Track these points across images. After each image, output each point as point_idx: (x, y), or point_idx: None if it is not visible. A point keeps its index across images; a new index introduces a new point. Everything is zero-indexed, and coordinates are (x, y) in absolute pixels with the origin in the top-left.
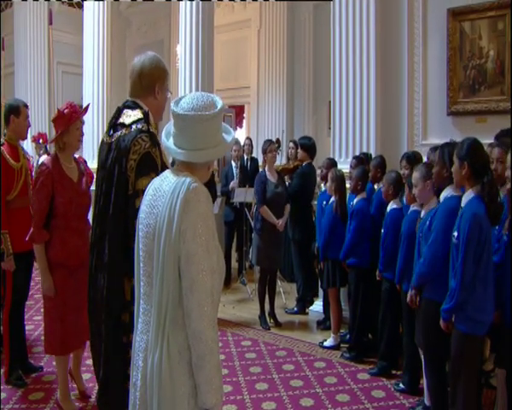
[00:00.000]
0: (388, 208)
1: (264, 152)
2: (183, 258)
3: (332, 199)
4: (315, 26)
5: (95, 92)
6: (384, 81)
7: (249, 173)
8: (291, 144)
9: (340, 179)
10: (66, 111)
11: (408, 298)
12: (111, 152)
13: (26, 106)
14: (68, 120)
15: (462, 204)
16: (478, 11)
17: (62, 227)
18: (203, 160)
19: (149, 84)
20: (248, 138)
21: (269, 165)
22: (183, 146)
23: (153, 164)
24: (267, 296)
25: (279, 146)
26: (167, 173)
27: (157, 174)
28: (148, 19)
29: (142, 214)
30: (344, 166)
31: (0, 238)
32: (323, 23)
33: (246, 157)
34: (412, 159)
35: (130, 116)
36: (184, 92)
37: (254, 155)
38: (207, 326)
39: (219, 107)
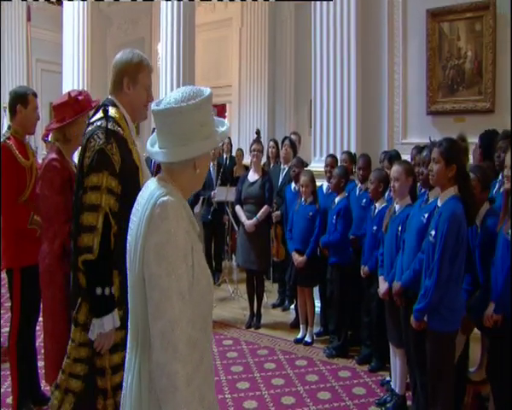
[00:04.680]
0: (379, 207)
1: (250, 151)
2: (147, 282)
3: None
4: (296, 25)
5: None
6: (364, 80)
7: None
8: (271, 143)
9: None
10: (80, 98)
11: (398, 302)
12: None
13: (35, 94)
14: (81, 110)
15: (439, 203)
16: (456, 12)
17: None
18: (185, 157)
19: (117, 79)
20: (228, 137)
21: (252, 164)
22: (163, 146)
23: (106, 161)
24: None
25: (259, 136)
26: (150, 182)
27: (112, 172)
28: (129, 16)
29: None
30: (321, 165)
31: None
32: (305, 23)
33: (225, 156)
34: (395, 158)
35: (97, 114)
36: (165, 91)
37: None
38: (171, 359)
39: (205, 95)
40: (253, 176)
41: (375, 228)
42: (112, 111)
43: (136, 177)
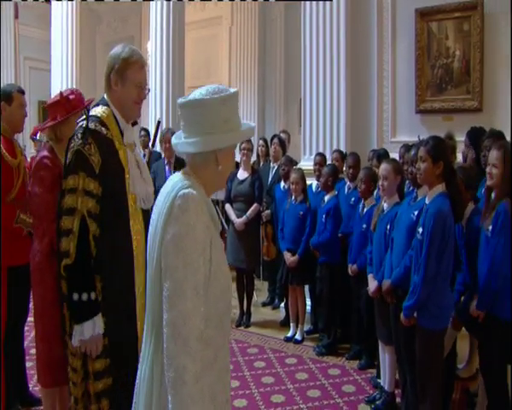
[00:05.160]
0: (368, 206)
1: (240, 149)
2: (163, 272)
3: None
4: (286, 24)
5: (63, 89)
6: (354, 79)
7: None
8: (261, 142)
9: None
10: (71, 97)
11: (389, 299)
12: None
13: (21, 91)
14: (72, 108)
15: (427, 201)
16: (444, 12)
17: None
18: (204, 148)
19: (106, 75)
20: None
21: (242, 162)
22: (185, 137)
23: (83, 162)
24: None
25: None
26: (173, 175)
27: (90, 174)
28: (118, 14)
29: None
30: (310, 164)
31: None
32: (294, 22)
33: None
34: (383, 157)
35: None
36: (155, 90)
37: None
38: (180, 352)
39: (230, 92)
40: (242, 174)
41: (364, 226)
42: (98, 110)
43: (120, 178)
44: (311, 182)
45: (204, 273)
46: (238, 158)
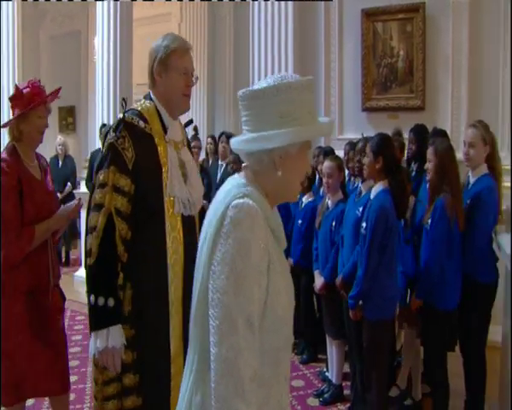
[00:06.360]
0: (306, 201)
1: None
2: (210, 294)
3: None
4: (235, 22)
5: (4, 83)
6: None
7: None
8: (209, 140)
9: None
10: (25, 91)
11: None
12: None
13: None
14: (27, 104)
15: (372, 196)
16: (389, 13)
17: None
18: (252, 146)
19: (149, 70)
20: None
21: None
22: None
23: (115, 156)
24: None
25: (197, 133)
26: (231, 178)
27: (121, 169)
28: (64, 8)
29: None
30: None
31: None
32: (244, 20)
33: None
34: (329, 154)
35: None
36: (101, 87)
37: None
38: (233, 394)
39: (288, 80)
40: None
41: (299, 222)
42: (140, 103)
43: (156, 177)
44: None
45: (259, 303)
46: None
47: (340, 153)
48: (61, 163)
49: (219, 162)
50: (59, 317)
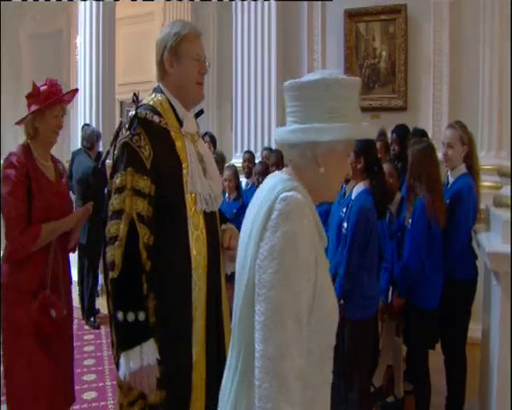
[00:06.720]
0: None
1: None
2: (257, 289)
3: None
4: (219, 22)
5: None
6: (284, 79)
7: None
8: None
9: None
10: (42, 88)
11: None
12: None
13: None
14: (43, 100)
15: (353, 196)
16: (372, 14)
17: None
18: (294, 137)
19: (158, 59)
20: None
21: None
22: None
23: (131, 156)
24: None
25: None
26: (273, 174)
27: (140, 169)
28: (44, 7)
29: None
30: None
31: None
32: (227, 21)
33: None
34: None
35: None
36: (84, 86)
37: None
38: (277, 396)
39: (336, 77)
40: None
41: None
42: (150, 98)
43: (177, 174)
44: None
45: (307, 298)
46: None
47: None
48: None
49: None
50: (66, 325)
